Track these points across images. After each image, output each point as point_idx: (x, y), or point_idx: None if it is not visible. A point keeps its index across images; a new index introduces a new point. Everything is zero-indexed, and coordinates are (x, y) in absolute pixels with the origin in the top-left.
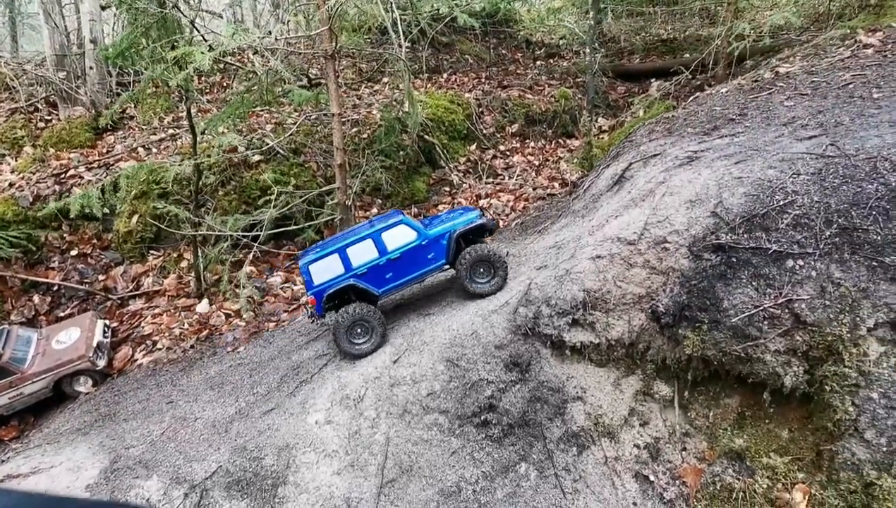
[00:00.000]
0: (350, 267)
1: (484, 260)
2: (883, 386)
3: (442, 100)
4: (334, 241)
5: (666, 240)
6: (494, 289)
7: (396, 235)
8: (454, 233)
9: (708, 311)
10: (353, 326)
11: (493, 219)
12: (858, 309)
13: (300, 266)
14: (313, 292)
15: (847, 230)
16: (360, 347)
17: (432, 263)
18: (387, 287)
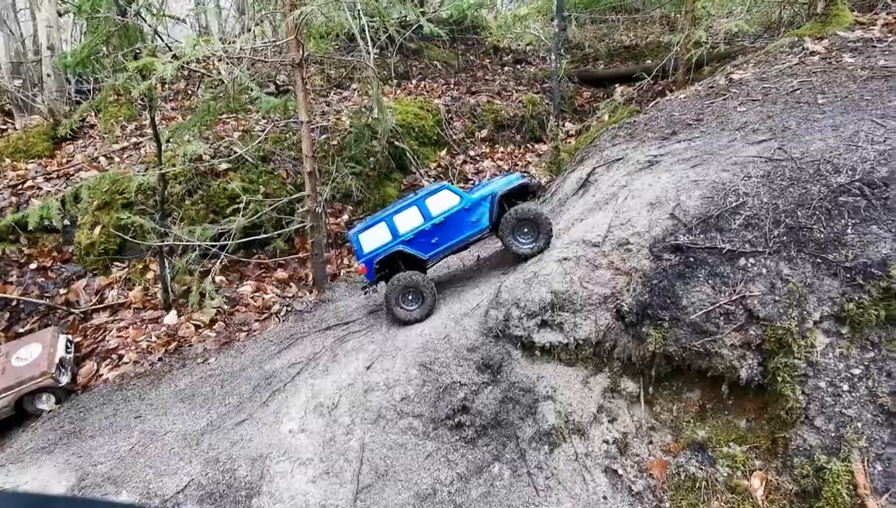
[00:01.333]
0: (397, 234)
1: (527, 220)
2: (829, 375)
3: (411, 107)
4: (382, 212)
5: (628, 242)
6: (538, 250)
7: (440, 200)
8: (496, 196)
9: (668, 309)
10: (404, 292)
11: (536, 180)
12: (805, 303)
13: (350, 236)
14: (364, 260)
15: (793, 229)
16: (412, 313)
17: (476, 227)
18: (433, 251)
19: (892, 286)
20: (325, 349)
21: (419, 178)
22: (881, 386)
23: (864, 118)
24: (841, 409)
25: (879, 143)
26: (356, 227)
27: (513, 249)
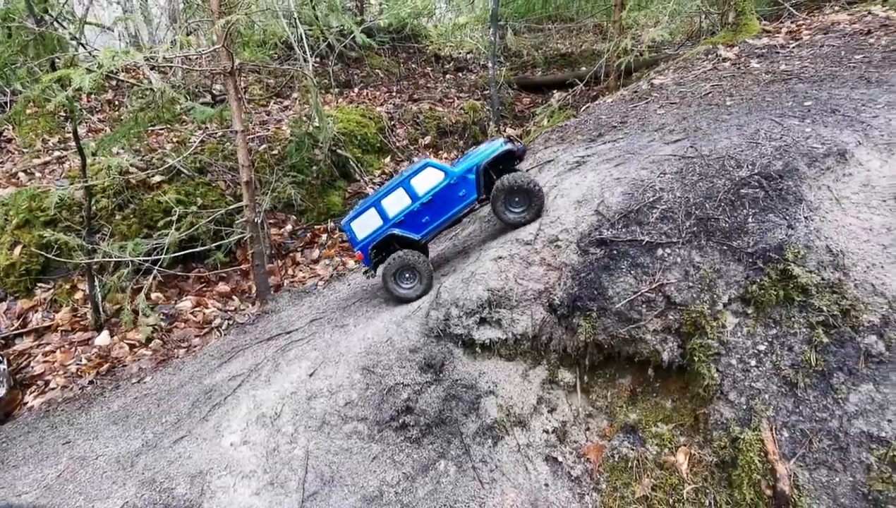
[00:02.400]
0: (387, 218)
1: (518, 190)
2: (739, 352)
3: (353, 115)
4: (370, 197)
5: (558, 239)
6: (530, 219)
7: (425, 179)
8: (481, 166)
9: (596, 300)
10: (400, 271)
11: (521, 143)
12: (715, 287)
13: (342, 225)
14: (359, 248)
15: (702, 220)
16: (408, 291)
17: (465, 200)
18: (425, 231)
19: (787, 268)
20: (266, 359)
21: (364, 186)
22: (783, 360)
23: (764, 117)
24: (750, 383)
25: (776, 140)
26: (347, 216)
27: (506, 219)
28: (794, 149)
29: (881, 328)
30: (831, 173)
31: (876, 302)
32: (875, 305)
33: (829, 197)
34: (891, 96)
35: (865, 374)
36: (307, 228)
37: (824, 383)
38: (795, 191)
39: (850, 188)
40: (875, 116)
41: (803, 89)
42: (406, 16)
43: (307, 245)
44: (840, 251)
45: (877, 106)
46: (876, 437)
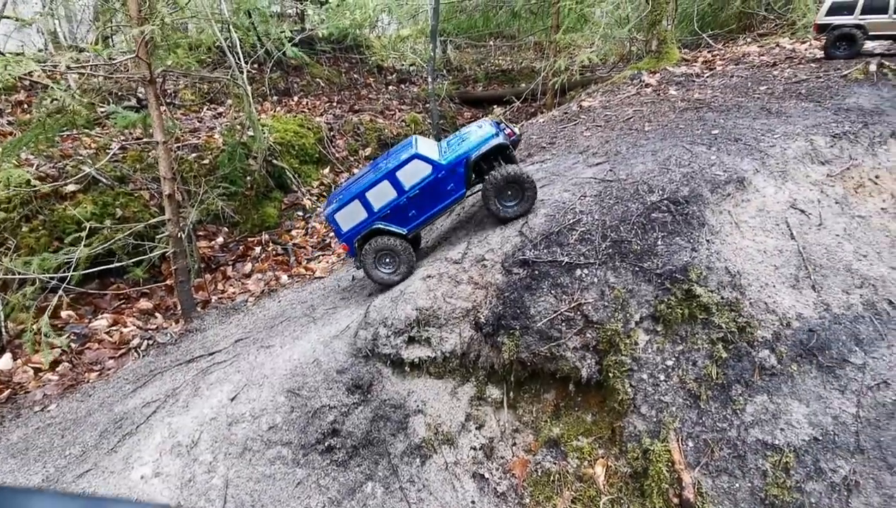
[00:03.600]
0: (372, 210)
1: (511, 182)
2: (649, 367)
3: (291, 124)
4: (355, 184)
5: (484, 258)
6: (523, 212)
7: (411, 171)
8: (470, 159)
9: (519, 319)
10: (380, 256)
11: (513, 133)
12: (628, 306)
13: (326, 216)
14: (343, 239)
15: (617, 242)
16: (390, 276)
17: (453, 194)
18: (412, 225)
19: (691, 288)
20: (186, 383)
21: (300, 197)
22: (688, 374)
23: (677, 144)
24: (660, 397)
25: (685, 166)
26: (331, 207)
27: (500, 214)
28: (700, 176)
29: (773, 343)
30: (731, 199)
31: (768, 318)
32: (767, 322)
33: (730, 221)
34: (787, 127)
35: (760, 386)
36: (240, 241)
37: (724, 395)
38: (699, 215)
39: (747, 212)
40: (772, 145)
41: (712, 118)
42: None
43: (239, 258)
44: (737, 272)
45: (774, 135)
46: (770, 445)
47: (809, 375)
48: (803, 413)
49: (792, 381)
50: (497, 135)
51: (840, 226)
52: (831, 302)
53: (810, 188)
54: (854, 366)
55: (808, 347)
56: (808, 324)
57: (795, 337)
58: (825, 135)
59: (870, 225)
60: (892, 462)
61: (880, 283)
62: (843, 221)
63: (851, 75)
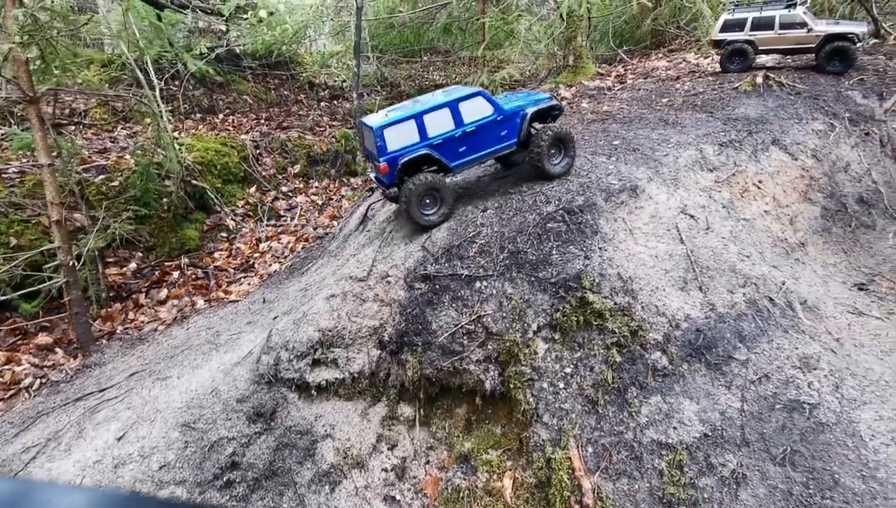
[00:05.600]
0: (426, 135)
1: (559, 140)
2: (549, 376)
3: (212, 143)
4: (410, 105)
5: (388, 275)
6: (565, 169)
7: (473, 107)
8: (528, 113)
9: (421, 335)
10: (424, 195)
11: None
12: (525, 316)
13: (374, 128)
14: (387, 159)
15: (514, 253)
16: (430, 218)
17: (504, 141)
18: (460, 161)
19: (584, 296)
20: (70, 424)
21: (224, 218)
22: (586, 380)
23: (579, 154)
24: (560, 404)
25: (583, 176)
26: (383, 121)
27: (547, 169)
28: (596, 186)
29: (664, 344)
30: (625, 206)
31: (659, 321)
32: (658, 324)
33: (624, 228)
34: (681, 137)
35: (654, 387)
36: (156, 266)
37: (620, 399)
38: (593, 223)
39: (641, 219)
40: (666, 155)
41: (616, 129)
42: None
43: (154, 284)
44: (629, 277)
45: (669, 145)
46: (665, 444)
47: (699, 373)
48: (694, 410)
49: (683, 380)
50: (550, 99)
51: (727, 229)
52: (717, 301)
53: (699, 194)
54: (738, 362)
55: (696, 346)
56: (696, 324)
57: (684, 337)
58: (714, 144)
59: (754, 227)
60: (775, 454)
61: (762, 282)
62: (729, 224)
63: (742, 87)
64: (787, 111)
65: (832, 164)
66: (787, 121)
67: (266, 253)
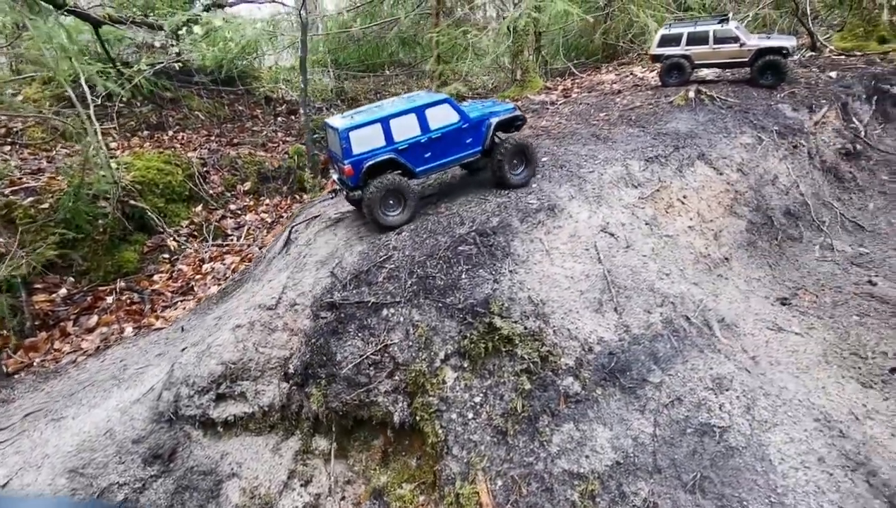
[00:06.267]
0: (392, 140)
1: (521, 151)
2: (458, 406)
3: (154, 161)
4: (377, 109)
5: (296, 302)
6: (526, 180)
7: (439, 114)
8: (493, 122)
9: (326, 366)
10: (386, 195)
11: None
12: (432, 345)
13: (339, 130)
14: (352, 161)
15: (422, 278)
16: (392, 219)
17: (469, 148)
18: (425, 167)
19: (492, 321)
20: None
21: (165, 238)
22: (496, 409)
23: None
24: (469, 436)
25: (502, 196)
26: (348, 123)
27: (508, 179)
28: (514, 205)
29: (576, 369)
30: (543, 226)
31: (571, 345)
32: (570, 349)
33: (540, 248)
34: (610, 152)
35: (566, 414)
36: (88, 291)
37: (531, 428)
38: (505, 245)
39: (559, 239)
40: (591, 171)
41: (548, 145)
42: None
43: (85, 311)
44: (541, 300)
45: (596, 161)
46: (576, 473)
47: (614, 398)
48: (607, 437)
49: (597, 406)
50: (515, 109)
51: (648, 246)
52: (632, 323)
53: (622, 211)
54: (652, 385)
55: (610, 370)
56: (609, 348)
57: (597, 361)
58: (640, 160)
59: (677, 243)
60: (686, 480)
61: (679, 300)
62: (651, 242)
63: (676, 101)
64: (716, 125)
65: (759, 178)
66: (715, 135)
67: (208, 274)
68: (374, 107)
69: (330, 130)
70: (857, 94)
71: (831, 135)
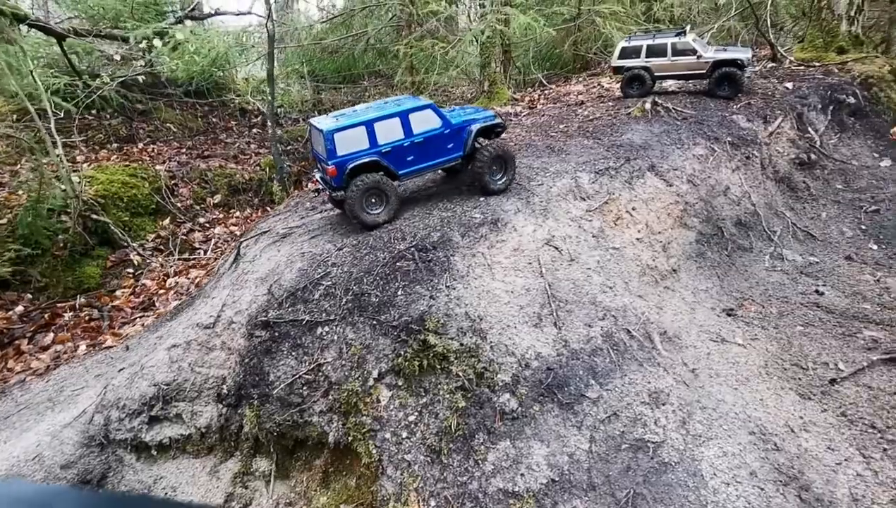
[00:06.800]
0: (375, 142)
1: (501, 157)
2: (392, 426)
3: (119, 175)
4: (361, 112)
5: (233, 321)
6: (505, 187)
7: (422, 119)
8: (475, 128)
9: (258, 387)
10: (368, 193)
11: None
12: (365, 363)
13: (325, 132)
14: (336, 162)
15: (358, 295)
16: (375, 217)
17: (451, 154)
18: (407, 170)
19: (426, 339)
20: None
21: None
22: (430, 428)
23: (455, 187)
24: (403, 455)
25: (449, 210)
26: (330, 123)
27: (489, 186)
28: (457, 220)
29: (513, 386)
30: (485, 241)
31: (508, 361)
32: (507, 365)
33: (482, 263)
34: (561, 165)
35: (502, 432)
36: (46, 308)
37: (466, 446)
38: (444, 261)
39: (502, 253)
40: (541, 184)
41: None
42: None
43: (42, 328)
44: (479, 316)
45: (546, 174)
46: (512, 493)
47: (551, 414)
48: (543, 454)
49: (534, 422)
50: (496, 117)
51: (594, 259)
52: (571, 337)
53: (569, 224)
54: (590, 401)
55: (547, 386)
56: (547, 363)
57: (535, 377)
58: (590, 172)
59: (623, 255)
60: (620, 497)
61: (621, 314)
62: (597, 254)
63: (633, 113)
64: (670, 136)
65: (711, 188)
66: (668, 146)
67: (171, 289)
68: (361, 108)
69: (315, 131)
70: (814, 105)
71: (786, 146)
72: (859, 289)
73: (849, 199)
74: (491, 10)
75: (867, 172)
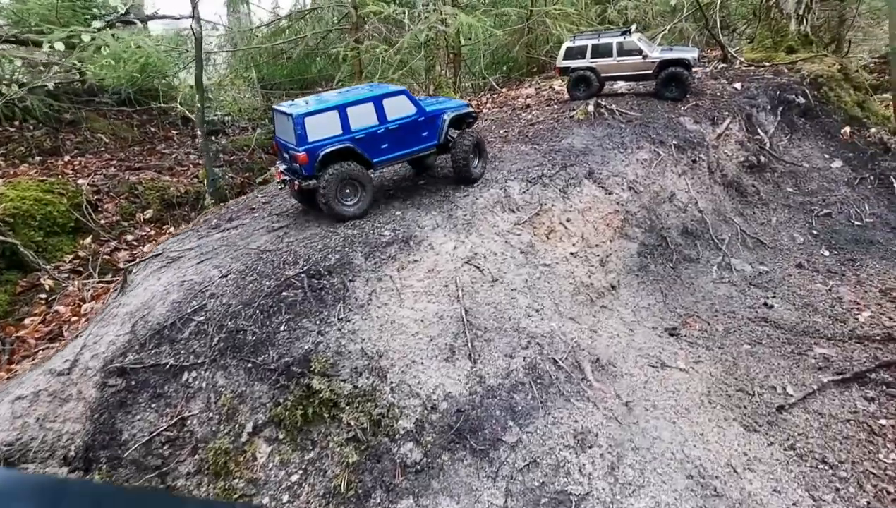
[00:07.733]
0: (349, 128)
1: (478, 145)
2: (271, 488)
3: (31, 191)
4: (332, 97)
5: (89, 366)
6: (481, 173)
7: (397, 105)
8: (448, 117)
9: (109, 448)
10: (343, 183)
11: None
12: (237, 415)
13: (294, 116)
14: (307, 148)
15: (233, 333)
16: (349, 209)
17: (425, 142)
18: (381, 158)
19: (311, 383)
20: None
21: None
22: (316, 488)
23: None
24: None
25: (355, 228)
26: (304, 109)
27: (468, 173)
28: (361, 239)
29: (417, 433)
30: (395, 262)
31: (411, 404)
32: (410, 408)
33: (390, 288)
34: (492, 173)
35: (404, 488)
36: None
37: None
38: (340, 288)
39: (415, 276)
40: (466, 195)
41: None
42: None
43: None
44: (378, 352)
45: (475, 184)
46: None
47: (463, 463)
48: None
49: (443, 474)
50: (468, 106)
51: (520, 278)
52: (488, 372)
53: (494, 240)
54: (507, 446)
55: (458, 431)
56: (458, 404)
57: (443, 421)
58: (522, 181)
59: (554, 273)
60: None
61: (548, 341)
62: (524, 272)
63: (577, 116)
64: (613, 140)
65: (655, 195)
66: (610, 151)
67: (86, 315)
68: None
69: (281, 116)
70: (763, 105)
71: (734, 148)
72: (810, 300)
73: (800, 203)
74: (432, 10)
75: (818, 174)
